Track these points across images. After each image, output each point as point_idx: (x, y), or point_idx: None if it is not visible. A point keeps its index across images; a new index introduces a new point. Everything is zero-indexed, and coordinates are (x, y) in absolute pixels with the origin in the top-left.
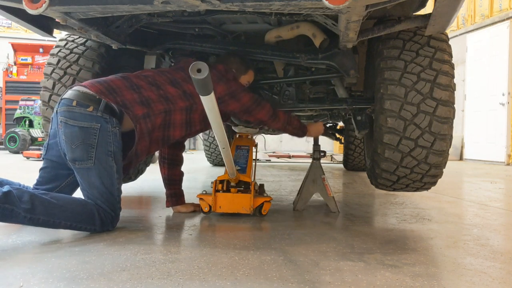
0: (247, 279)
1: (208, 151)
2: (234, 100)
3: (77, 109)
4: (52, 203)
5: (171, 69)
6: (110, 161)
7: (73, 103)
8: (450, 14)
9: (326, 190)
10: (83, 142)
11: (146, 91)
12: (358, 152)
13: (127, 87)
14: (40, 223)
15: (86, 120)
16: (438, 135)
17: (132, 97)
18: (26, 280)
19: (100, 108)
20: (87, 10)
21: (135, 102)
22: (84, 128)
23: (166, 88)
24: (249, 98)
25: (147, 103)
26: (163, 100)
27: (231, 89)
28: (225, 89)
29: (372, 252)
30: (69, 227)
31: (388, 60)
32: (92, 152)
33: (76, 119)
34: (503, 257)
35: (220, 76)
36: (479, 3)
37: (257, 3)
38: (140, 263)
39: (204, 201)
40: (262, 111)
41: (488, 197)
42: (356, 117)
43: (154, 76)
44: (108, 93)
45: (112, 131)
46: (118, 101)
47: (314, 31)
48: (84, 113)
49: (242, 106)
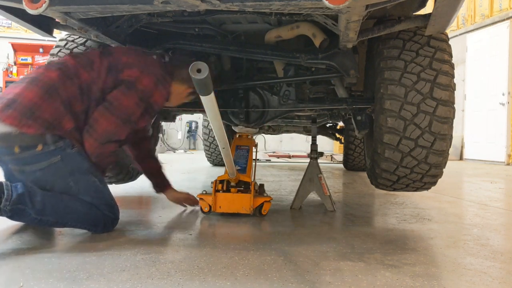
0: (247, 279)
1: (208, 151)
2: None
3: (24, 154)
4: (61, 206)
5: (86, 54)
6: (90, 178)
7: (15, 150)
8: (450, 14)
9: (322, 189)
10: (55, 179)
11: (64, 90)
12: (358, 152)
13: (41, 96)
14: (49, 224)
15: (42, 160)
16: (438, 135)
17: (54, 108)
18: (26, 280)
19: (48, 142)
20: (87, 10)
21: (60, 115)
22: (46, 168)
23: (82, 77)
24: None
25: (70, 107)
26: (84, 96)
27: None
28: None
29: (372, 252)
30: (73, 226)
31: (388, 60)
32: (69, 181)
33: (30, 164)
34: (503, 257)
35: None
36: (479, 3)
37: (257, 3)
38: (140, 263)
39: (204, 201)
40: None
41: (488, 197)
42: (356, 117)
43: (67, 63)
44: (27, 119)
45: (74, 153)
46: (42, 124)
47: (314, 31)
48: (34, 155)
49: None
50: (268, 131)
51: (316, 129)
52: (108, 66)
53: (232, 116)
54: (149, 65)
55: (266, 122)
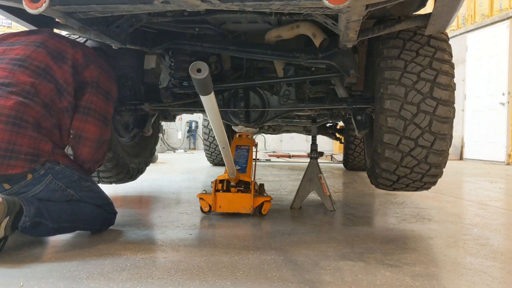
0: (247, 279)
1: (208, 150)
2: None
3: (15, 187)
4: (74, 209)
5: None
6: (84, 184)
7: (5, 187)
8: (450, 13)
9: (322, 189)
10: (56, 193)
11: (29, 115)
12: (358, 152)
13: (10, 131)
14: (65, 230)
15: (35, 185)
16: (438, 134)
17: (28, 138)
18: (26, 280)
19: (37, 169)
20: (87, 10)
21: (36, 141)
22: (44, 189)
23: (42, 93)
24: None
25: (41, 128)
26: (50, 111)
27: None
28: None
29: (372, 252)
30: (84, 229)
31: (388, 59)
32: (69, 192)
33: (26, 192)
34: (503, 256)
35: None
36: (479, 3)
37: (257, 3)
38: (140, 263)
39: (204, 200)
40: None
41: (488, 197)
42: (356, 116)
43: (20, 81)
44: (9, 160)
45: (62, 168)
46: (25, 159)
47: (314, 30)
48: (27, 184)
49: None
50: (268, 131)
51: (316, 129)
52: (70, 71)
53: (232, 116)
54: (98, 60)
55: (266, 122)
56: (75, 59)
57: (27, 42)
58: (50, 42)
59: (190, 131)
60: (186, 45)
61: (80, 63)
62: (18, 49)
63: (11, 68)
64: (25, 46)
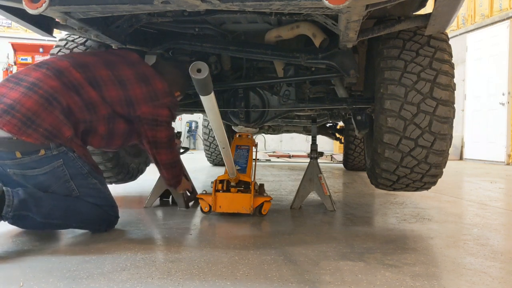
0: (247, 279)
1: (208, 151)
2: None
3: (26, 159)
4: (69, 207)
5: (93, 61)
6: (91, 180)
7: (16, 155)
8: (450, 13)
9: (322, 189)
10: (57, 183)
11: (65, 99)
12: (358, 152)
13: (41, 105)
14: (54, 227)
15: (44, 164)
16: (438, 134)
17: (53, 118)
18: (26, 280)
19: (51, 147)
20: (87, 10)
21: (59, 124)
22: (49, 172)
23: (87, 91)
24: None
25: (70, 115)
26: (89, 109)
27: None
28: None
29: (372, 252)
30: (78, 227)
31: (388, 59)
32: (71, 185)
33: (33, 168)
34: (503, 256)
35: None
36: (479, 3)
37: (257, 3)
38: (140, 263)
39: (204, 201)
40: (166, 131)
41: (488, 197)
42: (356, 117)
43: (72, 73)
44: (27, 128)
45: (75, 157)
46: (43, 133)
47: (314, 31)
48: (37, 159)
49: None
50: (268, 131)
51: (316, 129)
52: (118, 101)
53: (232, 116)
54: (158, 95)
55: (266, 122)
56: (126, 91)
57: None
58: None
59: (190, 131)
60: (186, 45)
61: (133, 98)
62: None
63: (65, 64)
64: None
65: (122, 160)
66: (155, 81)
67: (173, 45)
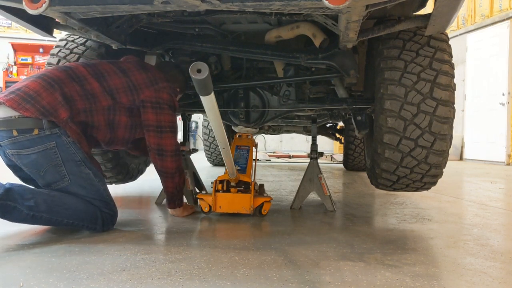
0: (247, 279)
1: (208, 151)
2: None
3: (21, 137)
4: (55, 201)
5: (99, 61)
6: (83, 169)
7: (13, 133)
8: (450, 14)
9: (322, 189)
10: (49, 165)
11: (68, 88)
12: (358, 152)
13: (43, 86)
14: (43, 221)
15: (38, 143)
16: (438, 135)
17: (53, 98)
18: (26, 280)
19: (44, 127)
20: (87, 10)
21: (57, 104)
22: (42, 152)
23: (90, 83)
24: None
25: (70, 101)
26: (89, 99)
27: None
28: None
29: (372, 252)
30: (71, 225)
31: (388, 60)
32: (62, 170)
33: (27, 147)
34: (503, 257)
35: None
36: (479, 3)
37: (257, 3)
38: (140, 263)
39: (204, 201)
40: (171, 139)
41: (488, 197)
42: (356, 117)
43: (78, 67)
44: (26, 103)
45: (69, 141)
46: (39, 109)
47: (314, 31)
48: (31, 138)
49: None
50: (268, 131)
51: (316, 129)
52: (122, 88)
53: (232, 116)
54: (158, 80)
55: (266, 122)
56: (131, 76)
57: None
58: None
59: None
60: (186, 45)
61: (136, 83)
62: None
63: (80, 65)
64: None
65: (122, 161)
66: (153, 70)
67: (173, 45)
